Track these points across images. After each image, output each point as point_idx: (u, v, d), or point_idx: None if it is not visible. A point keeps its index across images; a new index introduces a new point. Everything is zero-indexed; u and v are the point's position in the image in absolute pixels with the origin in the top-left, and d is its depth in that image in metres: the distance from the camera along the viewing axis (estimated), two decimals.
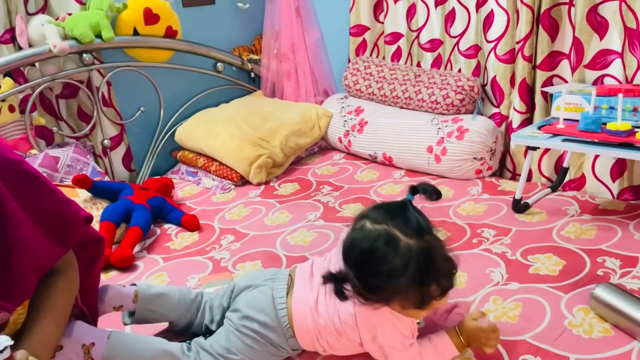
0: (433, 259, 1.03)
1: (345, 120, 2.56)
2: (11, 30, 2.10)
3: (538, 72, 2.06)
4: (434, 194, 1.11)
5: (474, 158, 2.14)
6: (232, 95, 2.82)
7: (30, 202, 0.85)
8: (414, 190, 1.12)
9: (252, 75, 2.90)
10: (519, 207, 1.85)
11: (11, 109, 2.10)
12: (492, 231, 1.74)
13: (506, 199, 1.95)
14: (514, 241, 1.66)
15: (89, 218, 0.95)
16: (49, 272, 0.95)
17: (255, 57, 2.87)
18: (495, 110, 2.27)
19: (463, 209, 1.92)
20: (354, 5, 2.60)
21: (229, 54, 2.79)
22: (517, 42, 2.08)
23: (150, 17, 2.35)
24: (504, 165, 2.29)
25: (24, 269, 0.84)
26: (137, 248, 1.84)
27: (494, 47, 2.18)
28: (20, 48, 2.11)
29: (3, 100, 2.06)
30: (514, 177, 2.22)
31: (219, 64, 2.75)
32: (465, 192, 2.06)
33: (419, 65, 2.53)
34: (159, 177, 2.40)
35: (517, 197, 1.85)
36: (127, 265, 1.72)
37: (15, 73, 2.12)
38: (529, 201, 1.89)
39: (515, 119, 2.14)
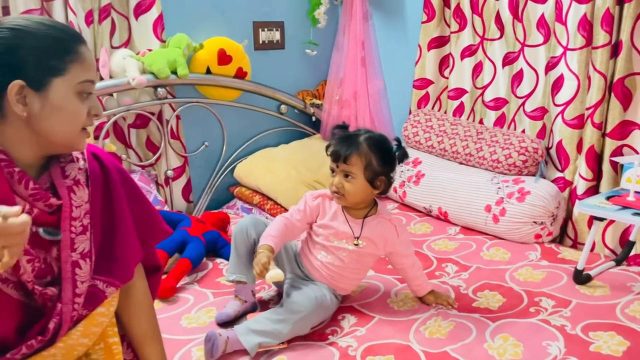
0: None
1: (402, 171, 2.55)
2: (95, 61, 2.24)
3: (607, 140, 2.01)
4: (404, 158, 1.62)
5: (534, 222, 2.08)
6: (292, 137, 2.88)
7: (131, 201, 1.11)
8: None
9: (314, 119, 2.97)
10: (581, 278, 1.77)
11: None
12: (550, 301, 1.66)
13: (566, 267, 1.88)
14: (574, 314, 1.59)
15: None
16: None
17: (317, 101, 2.94)
18: (559, 174, 2.21)
19: (520, 274, 1.86)
20: (420, 59, 2.64)
21: (293, 97, 2.87)
22: (587, 108, 2.04)
23: (224, 58, 2.46)
24: (564, 232, 2.21)
25: (126, 252, 1.08)
26: (187, 280, 1.87)
27: (562, 111, 2.14)
28: (101, 78, 2.24)
29: None
30: (575, 245, 2.14)
31: (282, 106, 2.83)
32: (523, 256, 2.00)
33: (481, 122, 2.51)
34: (216, 211, 2.45)
35: (580, 267, 1.77)
36: (168, 297, 1.74)
37: None
38: (591, 273, 1.81)
39: (580, 185, 2.08)
